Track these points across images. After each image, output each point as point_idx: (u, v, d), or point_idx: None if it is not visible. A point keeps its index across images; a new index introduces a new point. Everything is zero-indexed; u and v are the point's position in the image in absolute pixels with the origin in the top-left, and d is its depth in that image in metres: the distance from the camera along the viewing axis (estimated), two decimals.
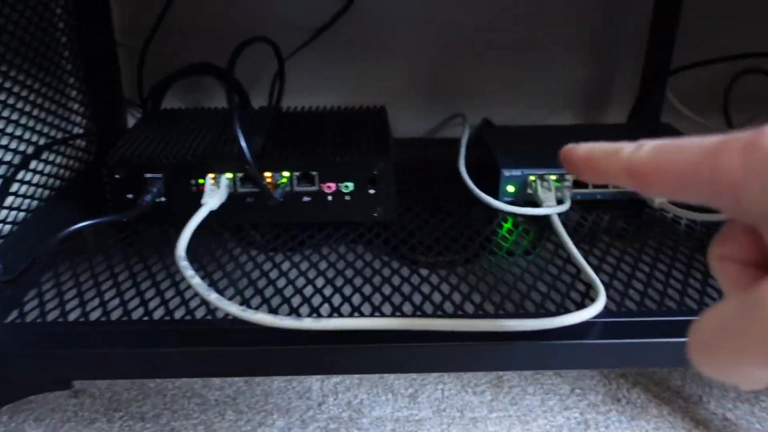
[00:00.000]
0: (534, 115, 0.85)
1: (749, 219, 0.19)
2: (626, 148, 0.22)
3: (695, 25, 0.79)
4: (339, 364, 0.44)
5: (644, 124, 0.79)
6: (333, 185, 0.58)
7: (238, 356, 0.43)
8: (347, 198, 0.58)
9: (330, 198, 0.58)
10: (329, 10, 0.77)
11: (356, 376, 0.63)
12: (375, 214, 0.59)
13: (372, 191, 0.58)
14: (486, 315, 0.47)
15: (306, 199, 0.58)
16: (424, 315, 0.47)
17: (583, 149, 0.24)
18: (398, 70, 0.82)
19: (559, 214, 0.59)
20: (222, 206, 0.57)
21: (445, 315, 0.47)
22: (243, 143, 0.51)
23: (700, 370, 0.19)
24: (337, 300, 0.48)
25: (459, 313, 0.47)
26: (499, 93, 0.84)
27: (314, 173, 0.57)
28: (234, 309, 0.40)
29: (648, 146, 0.21)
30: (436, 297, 0.49)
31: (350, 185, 0.58)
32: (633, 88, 0.83)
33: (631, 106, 0.81)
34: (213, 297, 0.41)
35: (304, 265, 0.53)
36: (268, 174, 0.57)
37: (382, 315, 0.47)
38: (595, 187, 0.62)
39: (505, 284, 0.51)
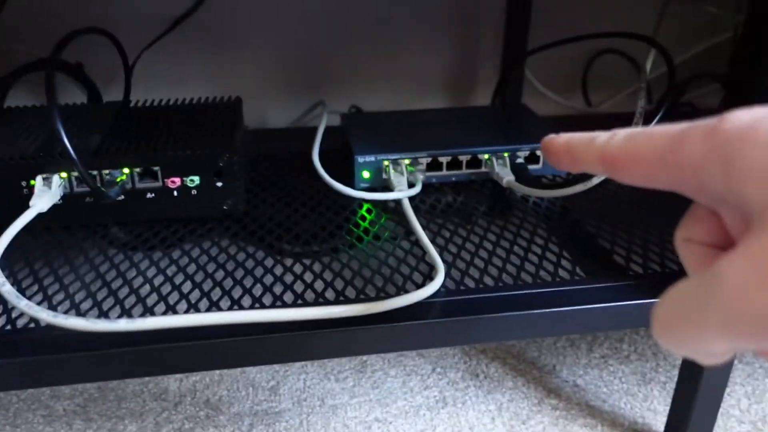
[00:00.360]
0: (403, 100, 0.86)
1: (710, 202, 0.19)
2: (601, 136, 0.22)
3: (552, 6, 0.81)
4: (177, 362, 0.43)
5: (505, 105, 0.80)
6: (177, 180, 0.56)
7: (51, 364, 0.41)
8: (194, 192, 0.57)
9: (176, 193, 0.56)
10: (182, 2, 0.74)
11: (216, 372, 0.61)
12: (225, 207, 0.57)
13: (219, 184, 0.57)
14: (315, 303, 0.46)
15: (150, 195, 0.56)
16: (261, 307, 0.46)
17: (562, 139, 0.24)
18: (262, 60, 0.80)
19: (411, 198, 0.59)
20: (60, 207, 0.54)
21: (273, 306, 0.46)
22: (65, 140, 0.49)
23: (664, 346, 0.19)
24: (195, 295, 0.47)
25: (299, 302, 0.47)
26: (367, 80, 0.84)
27: (156, 168, 0.55)
28: (44, 315, 0.38)
29: (620, 135, 0.22)
30: (278, 288, 0.48)
31: (196, 179, 0.56)
32: (497, 69, 0.85)
33: (494, 88, 0.83)
34: (23, 304, 0.39)
35: (163, 263, 0.51)
36: (107, 171, 0.55)
37: (212, 311, 0.45)
38: (449, 169, 0.63)
39: (350, 270, 0.51)
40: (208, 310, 0.46)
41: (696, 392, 0.48)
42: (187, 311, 0.46)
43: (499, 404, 0.57)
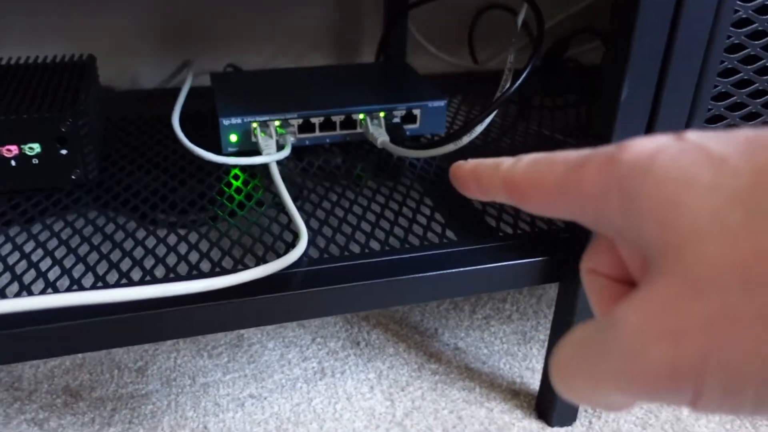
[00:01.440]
0: (285, 59, 0.81)
1: (609, 233, 0.18)
2: (505, 162, 0.21)
3: None
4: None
5: (386, 63, 0.77)
6: (14, 148, 0.50)
7: None
8: (35, 161, 0.51)
9: (14, 163, 0.51)
10: None
11: (78, 356, 0.57)
12: (73, 177, 0.52)
13: (64, 151, 0.51)
14: (165, 279, 0.43)
15: None
16: (103, 287, 0.42)
17: (468, 166, 0.22)
18: (133, 16, 0.73)
19: (280, 162, 0.56)
20: None
21: (118, 284, 0.42)
22: None
23: (561, 394, 0.17)
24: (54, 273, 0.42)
25: (147, 279, 0.43)
26: (246, 38, 0.79)
27: None
28: None
29: (524, 161, 0.20)
30: (125, 264, 0.44)
31: (36, 146, 0.51)
32: (382, 25, 0.81)
33: (378, 44, 0.79)
34: None
35: (20, 239, 0.46)
36: None
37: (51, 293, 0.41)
38: (322, 130, 0.60)
39: (208, 241, 0.47)
40: (68, 289, 0.42)
41: None
42: (43, 291, 0.41)
43: (378, 372, 0.55)
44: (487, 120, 0.52)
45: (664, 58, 0.38)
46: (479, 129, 0.52)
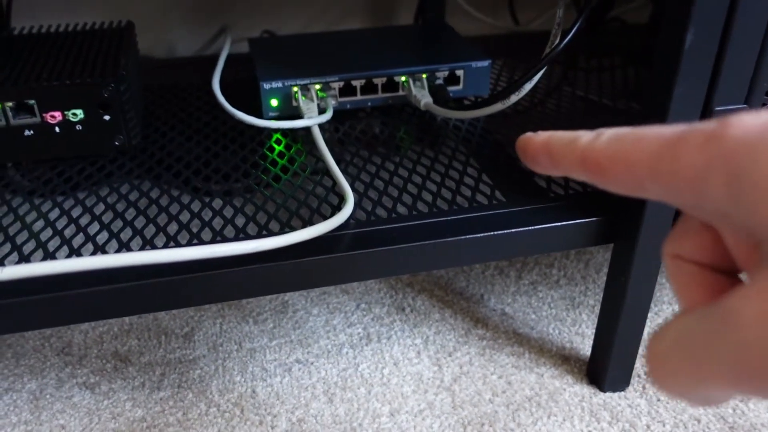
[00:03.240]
0: (321, 24, 0.80)
1: (709, 217, 0.16)
2: (584, 137, 0.19)
3: None
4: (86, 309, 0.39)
5: (426, 25, 0.76)
6: (58, 114, 0.50)
7: None
8: (78, 128, 0.51)
9: (58, 129, 0.51)
10: None
11: (125, 321, 0.57)
12: (116, 143, 0.52)
13: (107, 117, 0.51)
14: (212, 241, 0.42)
15: (28, 132, 0.50)
16: (160, 247, 0.42)
17: (540, 139, 0.20)
18: None
19: (321, 125, 0.55)
20: None
21: (167, 246, 0.42)
22: None
23: (658, 389, 0.16)
24: (101, 238, 0.42)
25: (195, 242, 0.43)
26: (283, 4, 0.78)
27: (32, 102, 0.49)
28: None
29: (605, 136, 0.18)
30: (172, 227, 0.44)
31: (79, 113, 0.50)
32: None
33: (416, 7, 0.78)
34: None
35: (68, 204, 0.46)
36: None
37: (105, 253, 0.41)
38: (363, 93, 0.59)
39: (254, 205, 0.47)
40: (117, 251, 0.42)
41: (619, 315, 0.47)
42: (93, 254, 0.41)
43: (425, 337, 0.55)
44: (536, 77, 0.51)
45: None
46: (527, 87, 0.51)
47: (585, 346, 0.54)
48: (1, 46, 0.56)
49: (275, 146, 0.55)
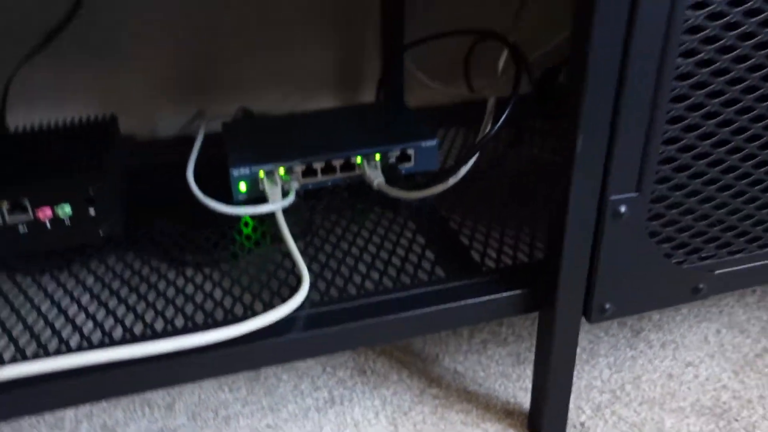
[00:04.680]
0: (292, 99, 0.87)
1: None
2: None
3: (426, 5, 0.84)
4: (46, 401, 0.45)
5: (384, 102, 0.82)
6: (48, 210, 0.56)
7: None
8: (67, 223, 0.57)
9: (49, 226, 0.57)
10: (56, 12, 0.73)
11: None
12: (101, 234, 0.58)
13: (93, 211, 0.57)
14: (183, 330, 0.48)
15: (22, 230, 0.56)
16: (136, 339, 0.48)
17: None
18: (148, 68, 0.80)
19: (285, 209, 0.61)
20: None
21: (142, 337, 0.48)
22: None
23: None
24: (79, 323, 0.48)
25: (189, 326, 0.49)
26: (258, 82, 0.85)
27: (25, 201, 0.56)
28: None
29: None
30: (149, 315, 0.50)
31: (67, 208, 0.57)
32: (380, 64, 0.87)
33: (376, 83, 0.85)
34: None
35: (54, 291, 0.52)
36: None
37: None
38: (324, 174, 0.65)
39: (221, 289, 0.53)
40: (100, 342, 0.47)
41: (549, 371, 0.52)
42: (80, 344, 0.47)
43: (383, 398, 0.60)
44: (471, 161, 0.57)
45: (614, 115, 0.42)
46: (463, 171, 0.57)
47: (527, 401, 0.60)
48: None
49: (244, 229, 0.61)
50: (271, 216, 0.62)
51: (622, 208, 0.46)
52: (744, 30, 0.42)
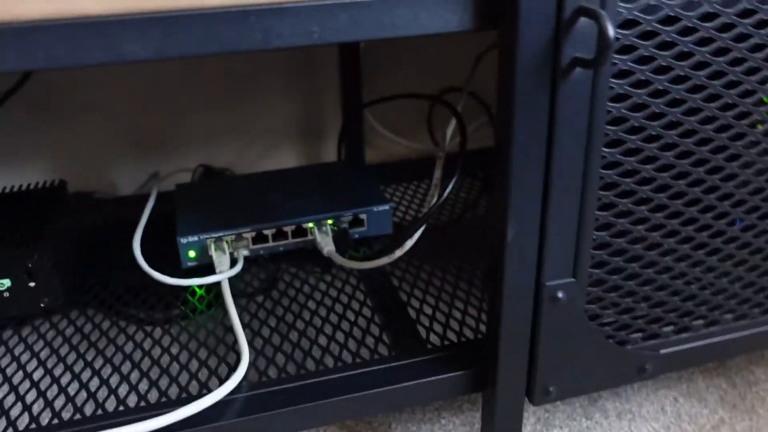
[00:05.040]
0: (254, 152, 0.86)
1: None
2: None
3: (380, 63, 0.84)
4: None
5: (342, 161, 0.82)
6: None
7: None
8: (6, 295, 0.56)
9: None
10: (7, 77, 0.73)
11: None
12: (42, 305, 0.57)
13: (32, 284, 0.56)
14: (115, 413, 0.47)
15: None
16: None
17: None
18: (107, 126, 0.79)
19: (233, 277, 0.60)
20: None
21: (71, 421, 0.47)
22: None
23: None
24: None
25: (121, 409, 0.47)
26: (219, 137, 0.84)
27: None
28: None
29: None
30: (80, 397, 0.49)
31: (6, 282, 0.56)
32: (341, 119, 0.86)
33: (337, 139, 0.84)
34: None
35: None
36: None
37: None
38: (275, 240, 0.64)
39: (158, 367, 0.51)
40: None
41: None
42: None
43: None
44: (417, 235, 0.57)
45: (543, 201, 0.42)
46: (409, 243, 0.56)
47: None
48: None
49: (190, 298, 0.60)
50: (218, 284, 0.61)
51: (560, 293, 0.45)
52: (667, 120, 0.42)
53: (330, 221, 0.65)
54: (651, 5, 0.38)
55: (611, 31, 0.34)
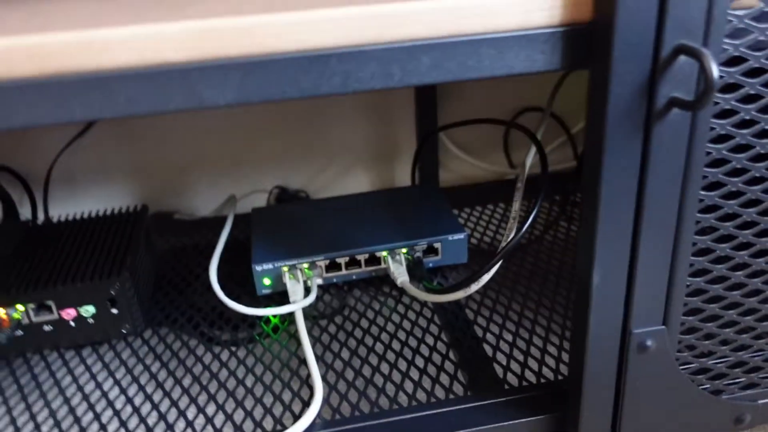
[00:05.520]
0: (329, 174, 0.86)
1: None
2: None
3: (462, 84, 0.82)
4: None
5: (418, 185, 0.81)
6: (72, 311, 0.57)
7: None
8: (91, 321, 0.58)
9: (73, 324, 0.58)
10: None
11: None
12: (123, 331, 0.59)
13: (115, 311, 0.58)
14: None
15: (47, 328, 0.57)
16: None
17: None
18: (188, 148, 0.81)
19: (307, 306, 0.60)
20: None
21: None
22: None
23: None
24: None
25: None
26: (294, 159, 0.85)
27: (50, 303, 0.57)
28: None
29: None
30: (180, 424, 0.49)
31: (90, 309, 0.57)
32: (415, 140, 0.86)
33: (412, 162, 0.83)
34: None
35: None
36: (1, 310, 0.56)
37: None
38: (348, 268, 0.64)
39: (233, 400, 0.52)
40: None
41: None
42: None
43: None
44: (494, 269, 0.55)
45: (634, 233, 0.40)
46: (486, 278, 0.55)
47: None
48: (25, 242, 0.64)
49: (264, 327, 0.60)
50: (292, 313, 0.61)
51: (648, 341, 0.42)
52: None
53: (404, 250, 0.64)
54: (759, 40, 0.35)
55: (715, 72, 0.32)
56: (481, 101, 0.85)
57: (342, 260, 0.64)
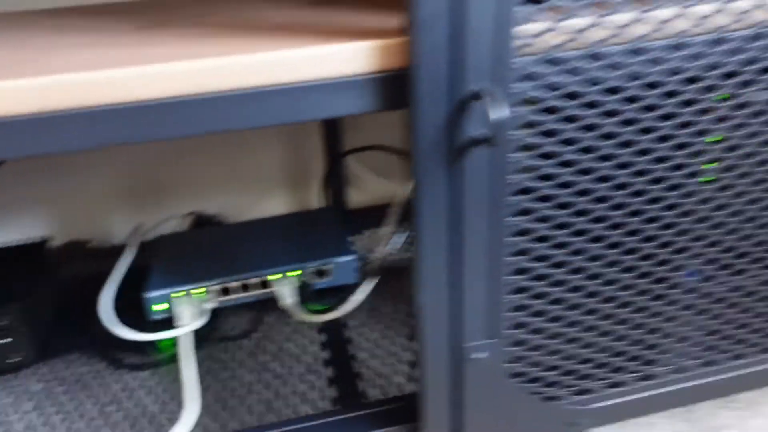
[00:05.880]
0: (245, 198, 0.89)
1: None
2: None
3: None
4: None
5: (324, 208, 0.85)
6: None
7: None
8: None
9: None
10: None
11: None
12: (17, 359, 0.61)
13: (8, 339, 0.60)
14: None
15: None
16: None
17: None
18: (101, 176, 0.83)
19: (196, 330, 0.63)
20: None
21: None
22: None
23: None
24: None
25: None
26: (209, 185, 0.88)
27: None
28: None
29: None
30: None
31: None
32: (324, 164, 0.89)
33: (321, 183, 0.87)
34: None
35: None
36: None
37: None
38: (241, 291, 0.67)
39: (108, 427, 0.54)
40: None
41: None
42: None
43: None
44: (361, 296, 0.58)
45: None
46: (358, 299, 0.58)
47: None
48: None
49: (157, 351, 0.63)
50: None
51: (480, 354, 0.46)
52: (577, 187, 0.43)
53: (295, 273, 0.67)
54: (553, 81, 0.40)
55: (494, 113, 0.36)
56: (388, 125, 0.89)
57: (236, 284, 0.67)
